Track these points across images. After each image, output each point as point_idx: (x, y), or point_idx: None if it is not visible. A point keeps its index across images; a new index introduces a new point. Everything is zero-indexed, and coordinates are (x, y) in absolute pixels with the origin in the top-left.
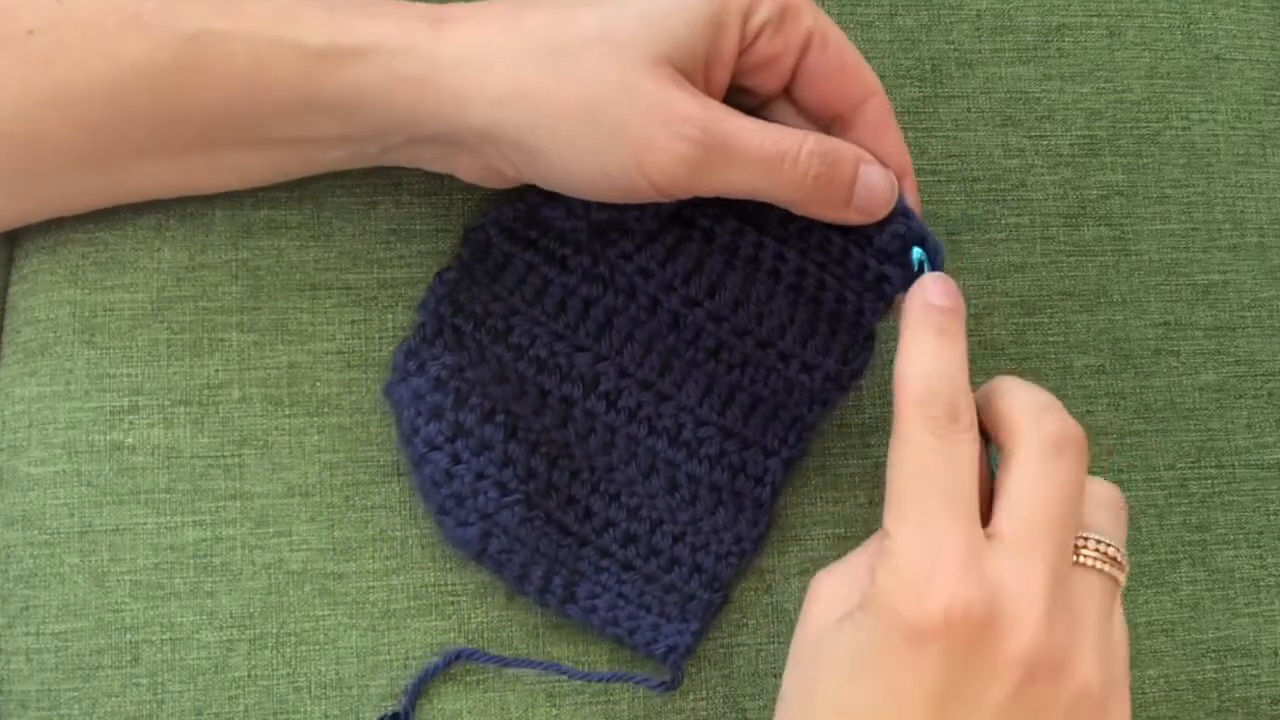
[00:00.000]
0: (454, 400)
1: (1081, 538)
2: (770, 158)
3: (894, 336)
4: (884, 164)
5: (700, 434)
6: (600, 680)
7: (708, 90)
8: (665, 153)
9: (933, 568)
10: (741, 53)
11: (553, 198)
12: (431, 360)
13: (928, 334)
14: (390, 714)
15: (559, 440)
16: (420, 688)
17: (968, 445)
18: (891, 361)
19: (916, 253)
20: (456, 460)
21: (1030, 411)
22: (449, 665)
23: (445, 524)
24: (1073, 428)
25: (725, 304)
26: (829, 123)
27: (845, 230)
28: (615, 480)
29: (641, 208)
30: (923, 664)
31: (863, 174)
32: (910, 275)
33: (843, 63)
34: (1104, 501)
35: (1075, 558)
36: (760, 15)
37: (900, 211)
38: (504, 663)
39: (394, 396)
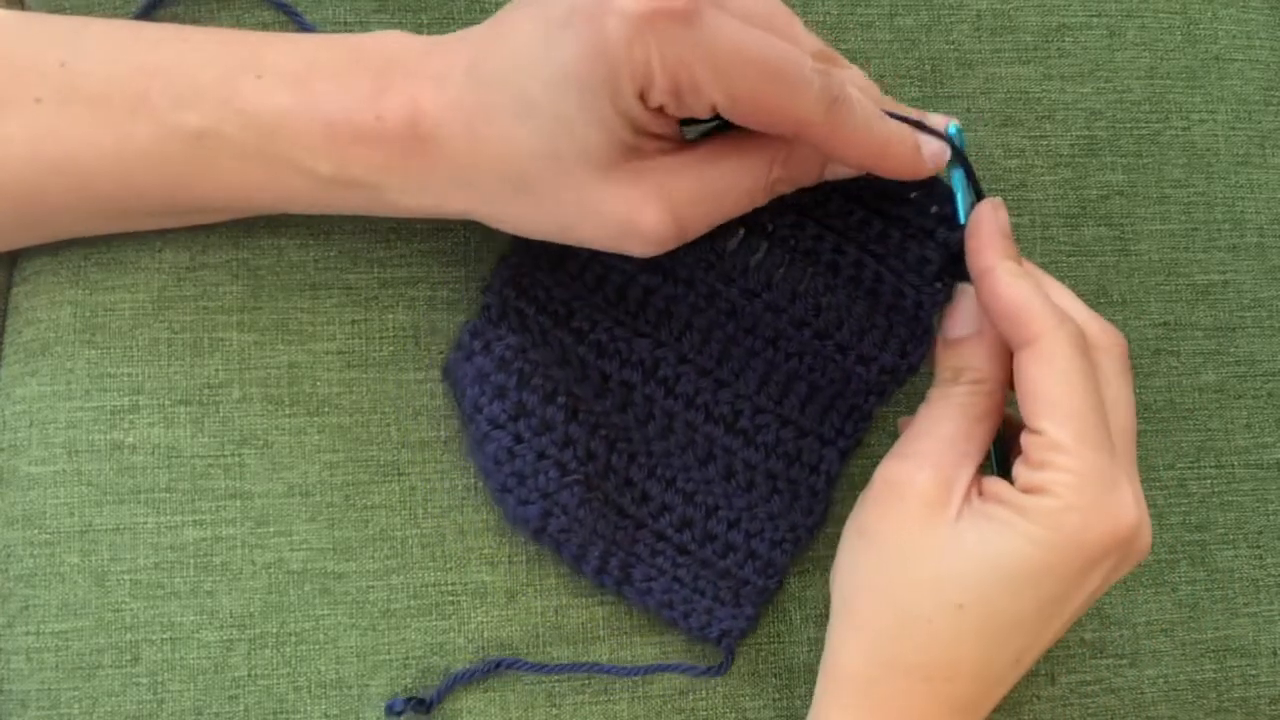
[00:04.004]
0: (517, 380)
1: None
2: (743, 197)
3: None
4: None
5: (757, 421)
6: (644, 673)
7: (658, 131)
8: (647, 243)
9: (1115, 488)
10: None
11: None
12: (496, 340)
13: (1009, 266)
14: (417, 698)
15: (618, 424)
16: (451, 687)
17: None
18: None
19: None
20: (519, 439)
21: (1095, 322)
22: (487, 674)
23: (507, 502)
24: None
25: (783, 295)
26: None
27: (904, 224)
28: (672, 465)
29: None
30: (1094, 574)
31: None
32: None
33: (764, 117)
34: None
35: None
36: (654, 99)
37: (942, 195)
38: (543, 670)
39: (457, 373)
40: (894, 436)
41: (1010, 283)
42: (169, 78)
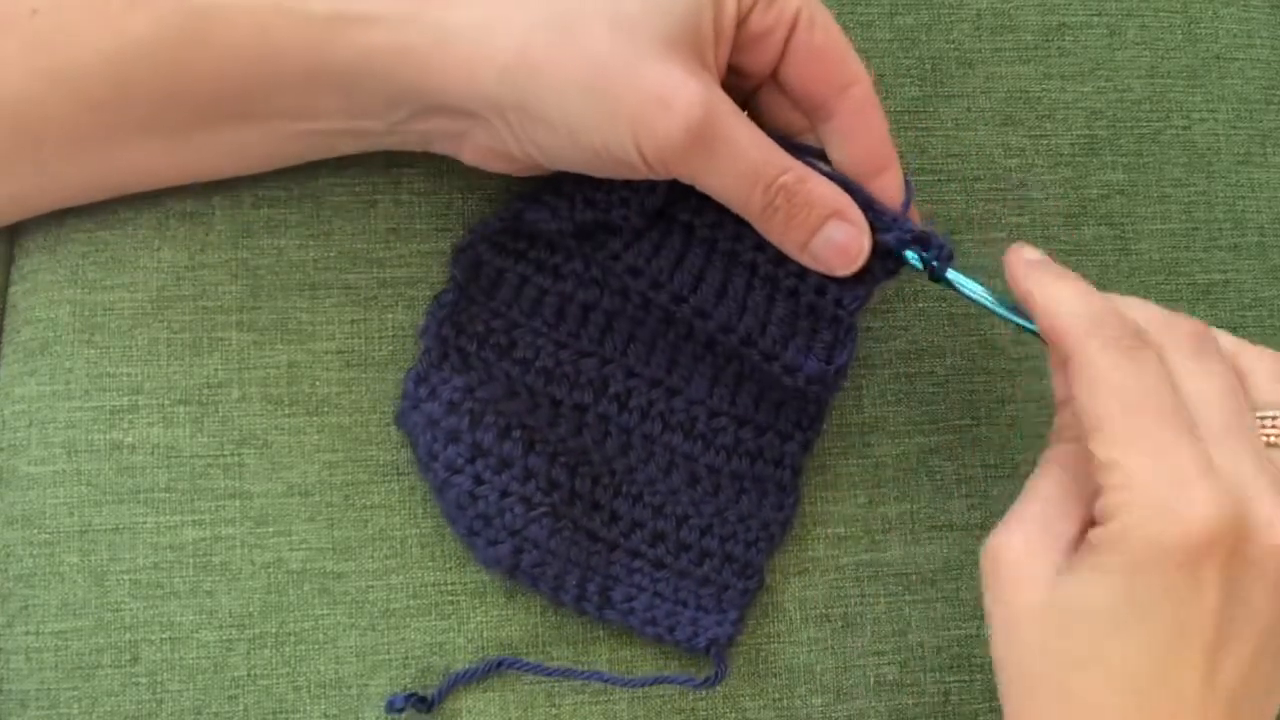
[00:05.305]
0: (469, 421)
1: (1260, 417)
2: (746, 173)
3: (889, 335)
4: (865, 156)
5: (714, 425)
6: (642, 685)
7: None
8: (659, 134)
9: (1180, 485)
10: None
11: (536, 200)
12: (441, 384)
13: (1050, 279)
14: (419, 695)
15: (576, 448)
16: (452, 686)
17: (1154, 358)
18: (882, 357)
19: (911, 255)
20: (479, 481)
21: (1156, 315)
22: (488, 673)
23: (476, 545)
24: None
25: (707, 299)
26: (814, 109)
27: None
28: (636, 481)
29: (626, 204)
30: (1202, 584)
31: (829, 227)
32: (893, 266)
33: (828, 46)
34: (1269, 371)
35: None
36: None
37: (894, 220)
38: (543, 671)
39: (408, 424)
40: (847, 435)
41: (1041, 293)
42: None
